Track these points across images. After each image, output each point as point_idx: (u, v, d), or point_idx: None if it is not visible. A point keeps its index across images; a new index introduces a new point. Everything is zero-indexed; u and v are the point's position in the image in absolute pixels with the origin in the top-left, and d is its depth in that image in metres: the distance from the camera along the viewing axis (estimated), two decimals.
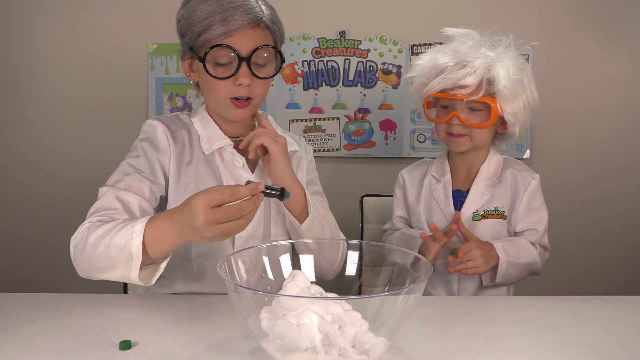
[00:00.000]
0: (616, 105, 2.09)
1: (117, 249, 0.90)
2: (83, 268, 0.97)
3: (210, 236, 0.84)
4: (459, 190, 1.43)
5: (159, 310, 1.00)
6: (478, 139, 1.36)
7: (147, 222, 0.91)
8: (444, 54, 1.32)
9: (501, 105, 1.31)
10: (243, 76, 1.04)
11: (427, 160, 1.54)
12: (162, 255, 0.92)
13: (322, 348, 0.72)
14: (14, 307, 1.00)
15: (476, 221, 1.37)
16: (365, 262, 0.96)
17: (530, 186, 1.39)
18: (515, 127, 1.36)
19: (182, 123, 1.18)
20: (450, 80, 1.29)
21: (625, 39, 2.07)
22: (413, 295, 0.75)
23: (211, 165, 1.14)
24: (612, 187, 2.12)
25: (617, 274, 2.15)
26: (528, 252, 1.33)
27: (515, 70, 1.29)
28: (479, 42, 1.33)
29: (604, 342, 0.88)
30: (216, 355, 0.81)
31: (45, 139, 2.13)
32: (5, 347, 0.83)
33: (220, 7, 1.01)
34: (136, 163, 1.09)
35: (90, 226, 0.96)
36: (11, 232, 2.16)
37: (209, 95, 1.11)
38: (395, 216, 1.52)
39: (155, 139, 1.12)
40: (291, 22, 2.08)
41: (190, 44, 1.05)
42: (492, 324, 0.97)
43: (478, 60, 1.28)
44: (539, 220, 1.38)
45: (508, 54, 1.32)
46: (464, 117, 1.32)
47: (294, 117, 2.12)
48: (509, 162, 1.45)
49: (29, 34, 2.10)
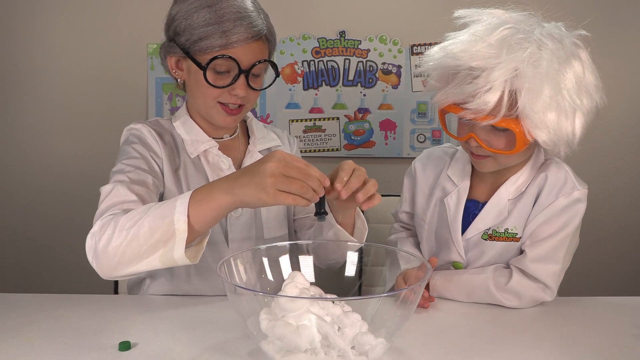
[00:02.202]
0: (616, 105, 2.08)
1: (154, 232, 0.83)
2: (108, 265, 0.87)
3: (269, 189, 0.79)
4: (474, 201, 1.15)
5: (158, 311, 1.00)
6: (505, 162, 1.06)
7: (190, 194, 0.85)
8: (452, 56, 0.99)
9: (529, 130, 0.96)
10: (240, 88, 1.04)
11: (447, 149, 1.24)
12: (207, 223, 0.86)
13: (322, 349, 0.72)
14: (14, 308, 1.00)
15: (483, 240, 1.12)
16: (365, 263, 0.95)
17: (557, 204, 1.06)
18: (558, 149, 1.01)
19: (164, 127, 1.15)
20: (457, 95, 0.99)
21: (625, 39, 2.07)
22: (413, 296, 0.75)
23: (198, 169, 1.13)
24: (612, 187, 2.12)
25: (617, 274, 2.15)
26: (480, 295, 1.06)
27: (550, 72, 0.93)
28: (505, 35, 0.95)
29: (604, 343, 0.88)
30: (216, 356, 0.81)
31: (45, 139, 2.13)
32: (5, 348, 0.83)
33: (221, 17, 0.99)
34: (132, 162, 1.04)
35: (114, 217, 0.88)
36: (11, 232, 2.16)
37: (197, 97, 1.08)
38: (401, 211, 1.30)
39: (145, 141, 1.09)
40: (291, 22, 2.08)
41: (187, 46, 1.03)
42: (492, 325, 0.97)
43: (496, 72, 0.92)
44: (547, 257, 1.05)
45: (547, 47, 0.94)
46: (484, 138, 1.02)
47: (294, 117, 2.12)
48: (552, 166, 1.10)
49: (29, 34, 2.09)
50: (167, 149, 1.10)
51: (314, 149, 2.12)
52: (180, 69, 1.09)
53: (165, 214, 0.84)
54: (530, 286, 1.04)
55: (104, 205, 0.95)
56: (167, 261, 0.86)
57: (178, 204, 0.84)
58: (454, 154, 1.22)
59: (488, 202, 1.12)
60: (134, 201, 0.95)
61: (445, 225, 1.16)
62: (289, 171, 0.80)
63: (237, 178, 0.84)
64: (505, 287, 1.05)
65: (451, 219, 1.15)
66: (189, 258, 0.86)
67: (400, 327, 0.78)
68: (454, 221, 1.14)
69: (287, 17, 2.08)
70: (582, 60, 1.00)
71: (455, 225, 1.14)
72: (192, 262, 0.87)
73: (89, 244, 0.90)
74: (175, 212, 0.83)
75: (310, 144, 2.12)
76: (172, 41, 1.06)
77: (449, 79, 1.02)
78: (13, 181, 2.15)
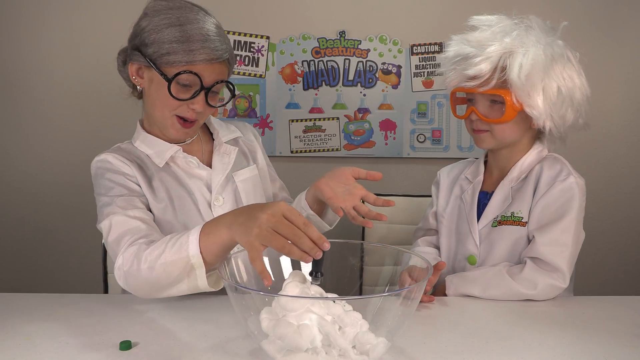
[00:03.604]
0: (616, 106, 2.09)
1: (175, 266, 0.90)
2: (143, 292, 0.96)
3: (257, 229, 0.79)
4: (484, 192, 1.29)
5: (159, 311, 1.00)
6: (500, 135, 1.22)
7: (201, 229, 0.90)
8: (465, 45, 1.20)
9: (517, 97, 1.15)
10: (198, 103, 1.08)
11: (470, 160, 1.42)
12: (216, 255, 0.89)
13: (323, 349, 0.72)
14: (14, 307, 1.00)
15: (494, 228, 1.23)
16: (365, 263, 0.96)
17: (553, 190, 1.17)
18: (543, 121, 1.17)
19: (126, 151, 1.18)
20: (461, 71, 1.19)
21: (626, 39, 2.07)
22: (413, 295, 0.75)
23: (172, 175, 1.16)
24: (612, 187, 2.12)
25: (617, 274, 2.15)
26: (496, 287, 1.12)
27: (537, 57, 1.13)
28: (505, 28, 1.17)
29: (604, 342, 0.88)
30: (216, 356, 0.81)
31: (43, 140, 2.13)
32: (5, 347, 0.83)
33: (188, 38, 1.04)
34: (113, 192, 1.08)
35: (137, 251, 0.95)
36: (11, 232, 2.16)
37: (156, 107, 1.11)
38: (431, 212, 1.40)
39: (114, 168, 1.12)
40: (291, 22, 2.08)
41: (154, 57, 1.06)
42: (492, 324, 0.97)
43: (492, 47, 1.15)
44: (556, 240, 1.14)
45: (536, 37, 1.15)
46: (483, 111, 1.21)
47: (294, 117, 2.12)
48: (549, 159, 1.25)
49: (28, 35, 2.09)
50: (136, 167, 1.13)
51: (314, 149, 2.12)
52: (140, 77, 1.13)
53: (181, 249, 0.89)
54: (544, 274, 1.11)
55: (111, 239, 1.01)
56: (194, 289, 0.92)
57: (191, 239, 0.89)
58: (473, 162, 1.39)
59: (496, 190, 1.25)
60: (137, 227, 1.02)
61: (463, 218, 1.29)
62: (280, 228, 0.79)
63: (238, 215, 0.87)
64: (520, 275, 1.12)
65: (467, 210, 1.29)
66: (211, 285, 0.92)
67: (401, 326, 0.78)
68: (470, 211, 1.28)
69: (287, 17, 2.08)
70: (568, 54, 1.19)
71: (472, 215, 1.27)
72: (214, 288, 0.93)
73: (117, 274, 0.97)
74: (189, 248, 0.89)
75: (310, 144, 2.12)
76: (137, 50, 1.10)
77: (459, 65, 1.21)
78: (12, 181, 2.14)
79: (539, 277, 1.10)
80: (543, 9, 2.05)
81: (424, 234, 1.41)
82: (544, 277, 1.10)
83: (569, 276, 1.12)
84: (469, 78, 1.18)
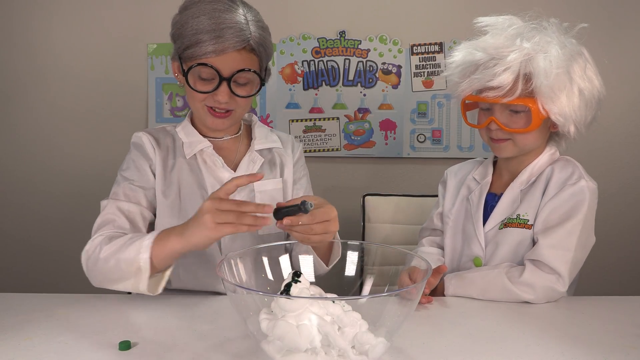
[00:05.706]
0: (616, 106, 2.08)
1: (126, 263, 0.97)
2: (96, 280, 1.04)
3: (209, 224, 0.87)
4: (492, 194, 1.27)
5: (158, 311, 1.00)
6: (523, 144, 1.18)
7: (156, 235, 0.97)
8: (476, 50, 1.16)
9: (544, 105, 1.11)
10: (221, 95, 1.09)
11: (479, 160, 1.39)
12: (165, 260, 0.97)
13: (322, 349, 0.72)
14: (14, 307, 1.00)
15: (500, 230, 1.21)
16: (365, 263, 0.96)
17: (563, 193, 1.14)
18: (568, 126, 1.15)
19: (167, 133, 1.24)
20: (479, 81, 1.14)
21: (625, 39, 2.07)
22: (412, 296, 0.75)
23: (193, 169, 1.19)
24: (612, 187, 2.12)
25: (617, 274, 2.15)
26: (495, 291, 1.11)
27: (559, 60, 1.09)
28: (519, 30, 1.14)
29: (603, 342, 0.88)
30: (216, 356, 0.81)
31: (46, 139, 2.13)
32: (5, 347, 0.83)
33: (211, 26, 1.04)
34: (128, 174, 1.16)
35: (102, 241, 1.04)
36: (12, 232, 2.16)
37: (189, 99, 1.16)
38: (436, 212, 1.38)
39: (141, 148, 1.19)
40: (291, 22, 2.08)
41: (179, 52, 1.10)
42: (492, 324, 0.97)
43: (512, 55, 1.10)
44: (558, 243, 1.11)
45: (554, 40, 1.12)
46: (504, 121, 1.16)
47: (294, 117, 2.12)
48: (561, 161, 1.22)
49: (30, 34, 2.10)
50: (162, 153, 1.19)
51: (314, 149, 2.12)
52: (178, 71, 1.16)
53: (135, 250, 0.96)
54: (543, 277, 1.09)
55: (97, 222, 1.10)
56: (135, 289, 0.99)
57: (145, 243, 0.96)
58: (482, 162, 1.36)
59: (505, 192, 1.23)
60: (121, 224, 1.09)
61: (469, 219, 1.27)
62: (223, 205, 0.88)
63: (187, 223, 0.93)
64: (519, 279, 1.10)
65: (474, 212, 1.26)
66: (149, 290, 0.98)
67: (400, 326, 0.78)
68: (476, 213, 1.25)
69: (287, 17, 2.08)
70: (584, 53, 1.16)
71: (477, 217, 1.24)
72: (151, 293, 0.99)
73: (82, 258, 1.06)
74: (141, 251, 0.96)
75: (310, 144, 2.12)
76: (174, 47, 1.15)
77: (472, 72, 1.17)
78: (13, 182, 2.15)
79: (537, 280, 1.08)
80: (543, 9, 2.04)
81: (429, 234, 1.40)
82: (542, 280, 1.08)
83: (568, 281, 1.10)
84: (488, 88, 1.14)
